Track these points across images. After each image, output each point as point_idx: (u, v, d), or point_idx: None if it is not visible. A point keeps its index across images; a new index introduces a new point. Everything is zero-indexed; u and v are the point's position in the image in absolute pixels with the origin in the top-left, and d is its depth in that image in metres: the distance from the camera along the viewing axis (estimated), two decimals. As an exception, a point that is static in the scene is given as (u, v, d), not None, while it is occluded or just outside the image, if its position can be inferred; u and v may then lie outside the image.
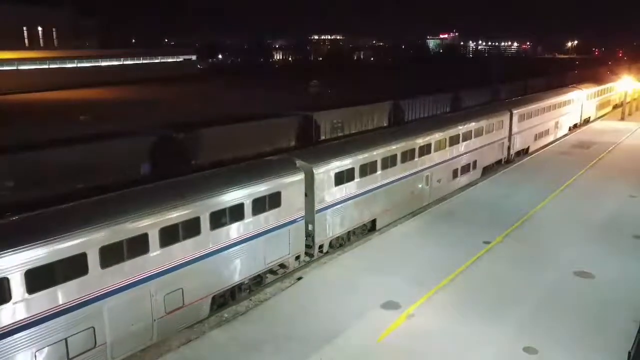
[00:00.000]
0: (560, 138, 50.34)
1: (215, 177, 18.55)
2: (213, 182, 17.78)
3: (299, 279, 20.61)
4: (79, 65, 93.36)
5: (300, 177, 20.59)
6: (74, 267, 13.55)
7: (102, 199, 15.84)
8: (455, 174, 32.07)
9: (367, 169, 24.48)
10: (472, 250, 23.00)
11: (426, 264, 21.78)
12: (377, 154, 25.07)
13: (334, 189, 22.55)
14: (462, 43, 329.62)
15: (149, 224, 15.26)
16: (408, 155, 27.23)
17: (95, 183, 23.71)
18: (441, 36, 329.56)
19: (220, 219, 17.39)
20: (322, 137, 39.96)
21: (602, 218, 27.55)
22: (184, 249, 16.33)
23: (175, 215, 15.92)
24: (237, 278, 18.42)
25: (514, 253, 22.97)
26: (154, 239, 15.43)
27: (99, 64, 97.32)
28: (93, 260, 13.94)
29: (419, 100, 52.63)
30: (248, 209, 18.34)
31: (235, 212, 17.91)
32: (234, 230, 17.95)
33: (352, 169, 23.56)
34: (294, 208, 20.47)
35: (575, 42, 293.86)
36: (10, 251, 12.47)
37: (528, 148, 43.38)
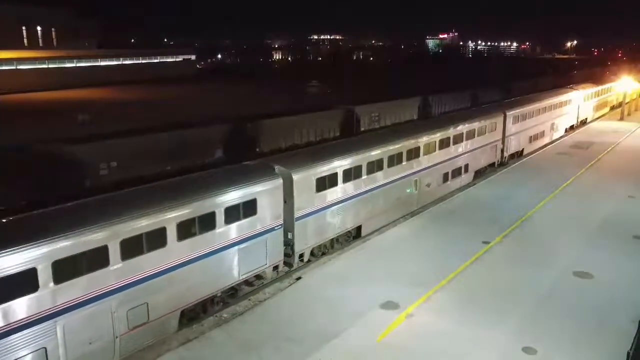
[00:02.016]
0: (556, 140, 49.39)
1: (184, 185, 17.58)
2: (181, 190, 16.82)
3: (298, 278, 20.37)
4: (78, 65, 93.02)
5: (278, 183, 19.64)
6: (21, 283, 12.59)
7: (58, 208, 14.91)
8: (445, 177, 31.08)
9: (352, 174, 23.52)
10: (471, 250, 22.84)
11: (425, 263, 21.61)
12: (362, 158, 24.09)
13: (315, 195, 21.59)
14: (461, 43, 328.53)
15: (109, 235, 14.33)
16: (395, 159, 26.25)
17: (179, 166, 27.67)
18: (440, 36, 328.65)
19: (188, 229, 16.43)
20: (362, 129, 43.76)
21: (601, 218, 27.30)
22: (148, 262, 15.38)
23: (138, 225, 14.97)
24: (208, 291, 17.47)
25: (513, 253, 22.83)
26: (114, 251, 14.50)
27: (98, 64, 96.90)
28: (44, 275, 13.00)
29: (442, 96, 57.42)
30: (220, 218, 17.38)
31: (206, 222, 16.95)
32: (205, 241, 16.98)
33: (335, 174, 22.60)
34: (272, 216, 19.52)
35: (575, 42, 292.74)
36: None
37: (522, 150, 42.42)
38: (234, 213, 17.87)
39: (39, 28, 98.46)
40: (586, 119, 59.73)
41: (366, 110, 45.20)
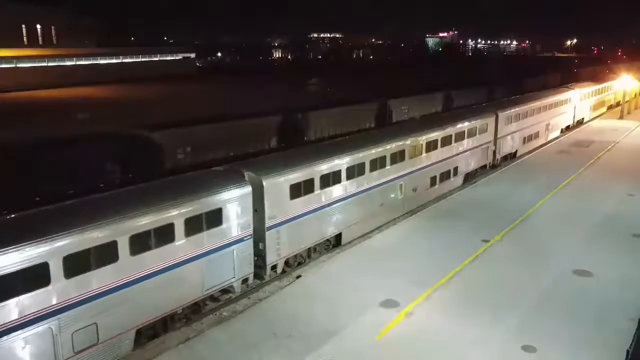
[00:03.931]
0: (552, 141, 48.12)
1: (141, 193, 16.38)
2: (136, 200, 15.62)
3: (298, 277, 20.31)
4: (77, 63, 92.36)
5: (246, 190, 18.40)
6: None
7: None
8: (433, 181, 29.81)
9: (330, 180, 22.27)
10: (470, 249, 22.69)
11: (425, 262, 21.47)
12: (342, 162, 22.85)
13: (289, 203, 20.35)
14: (461, 42, 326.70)
15: (50, 250, 13.13)
16: (378, 163, 25.02)
17: (243, 151, 31.35)
18: (440, 35, 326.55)
19: (144, 242, 15.22)
20: (394, 120, 47.74)
21: (601, 217, 27.04)
22: (97, 279, 14.20)
23: (84, 239, 13.77)
24: (167, 308, 16.26)
25: (512, 251, 22.68)
26: (56, 268, 13.31)
27: (97, 62, 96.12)
28: (-29, 298, 11.84)
29: (460, 92, 62.44)
30: (179, 230, 16.17)
31: (164, 234, 15.73)
32: (162, 255, 15.76)
33: (312, 180, 21.35)
34: (240, 226, 18.28)
35: (575, 40, 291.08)
36: None
37: (516, 152, 41.13)
38: (196, 224, 16.66)
39: (38, 26, 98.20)
40: (583, 119, 58.33)
41: (398, 103, 49.74)
